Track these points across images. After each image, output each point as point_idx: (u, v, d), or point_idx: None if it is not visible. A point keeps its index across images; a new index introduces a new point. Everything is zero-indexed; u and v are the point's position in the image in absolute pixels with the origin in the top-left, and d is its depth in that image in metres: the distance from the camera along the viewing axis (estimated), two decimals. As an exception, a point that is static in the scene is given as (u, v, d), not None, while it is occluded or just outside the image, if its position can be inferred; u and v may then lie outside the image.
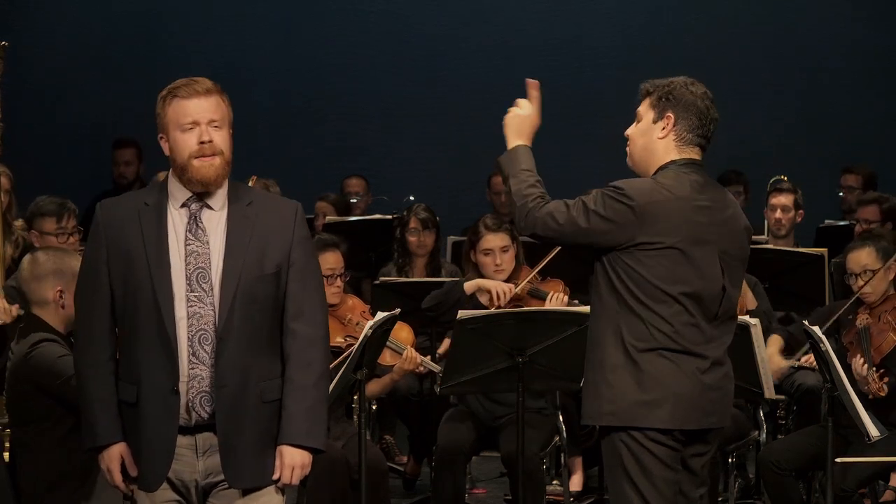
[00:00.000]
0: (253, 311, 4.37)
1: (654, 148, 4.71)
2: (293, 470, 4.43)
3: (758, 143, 11.10)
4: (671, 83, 4.72)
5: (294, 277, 4.43)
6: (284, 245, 4.43)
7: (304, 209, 4.57)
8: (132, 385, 4.38)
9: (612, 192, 4.61)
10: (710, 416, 4.66)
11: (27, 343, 5.57)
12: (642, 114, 4.74)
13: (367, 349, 5.91)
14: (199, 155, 4.38)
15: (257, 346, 4.39)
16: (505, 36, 11.58)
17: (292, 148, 11.63)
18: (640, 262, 4.58)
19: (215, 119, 4.43)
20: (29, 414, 5.58)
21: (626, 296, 4.59)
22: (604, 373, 4.61)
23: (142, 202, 4.45)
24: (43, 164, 11.16)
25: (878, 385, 6.44)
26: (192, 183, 4.39)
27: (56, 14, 11.68)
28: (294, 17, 11.76)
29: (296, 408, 4.39)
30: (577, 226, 4.63)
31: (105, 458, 4.44)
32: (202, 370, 4.35)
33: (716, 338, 4.68)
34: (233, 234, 4.39)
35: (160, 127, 4.46)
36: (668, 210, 4.58)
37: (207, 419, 4.37)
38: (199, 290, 4.35)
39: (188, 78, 4.48)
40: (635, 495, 4.59)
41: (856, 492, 6.57)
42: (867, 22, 11.41)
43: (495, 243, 7.09)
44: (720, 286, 4.66)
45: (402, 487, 8.14)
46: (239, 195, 4.47)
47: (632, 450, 4.59)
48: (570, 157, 11.12)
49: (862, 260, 6.87)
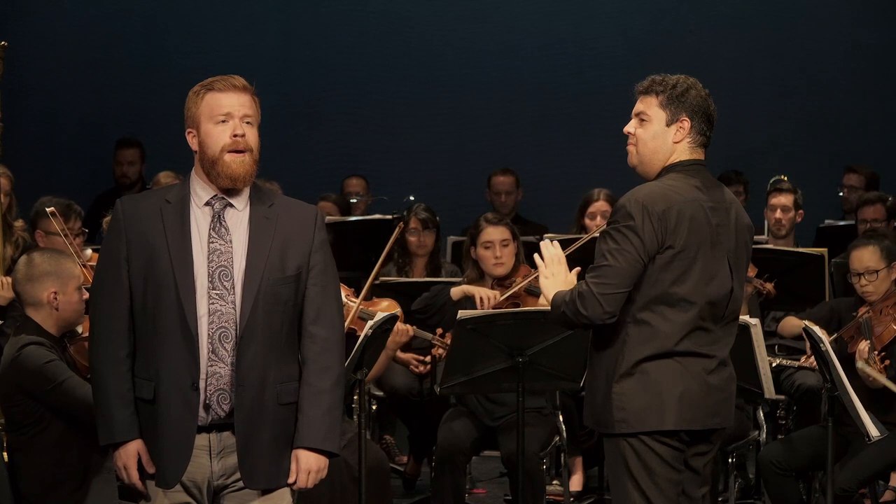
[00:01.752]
0: (274, 312, 4.38)
1: (666, 150, 4.68)
2: (309, 474, 4.46)
3: (758, 143, 11.10)
4: (677, 83, 4.68)
5: (314, 281, 4.44)
6: (305, 248, 4.44)
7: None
8: (149, 382, 4.37)
9: (623, 227, 4.55)
10: (714, 416, 4.67)
11: (16, 345, 5.56)
12: (650, 114, 4.69)
13: (366, 349, 5.91)
14: (232, 149, 4.37)
15: (276, 347, 4.39)
16: (505, 36, 11.58)
17: (292, 148, 11.63)
18: (656, 268, 4.56)
19: (249, 115, 4.42)
20: (19, 417, 5.57)
21: (638, 302, 4.57)
22: (612, 382, 4.59)
23: (163, 199, 4.44)
24: (43, 164, 11.16)
25: (880, 367, 6.44)
26: (221, 178, 4.39)
27: (56, 14, 11.68)
28: (294, 17, 11.76)
29: (313, 412, 4.41)
30: (625, 275, 4.54)
31: (122, 454, 4.42)
32: (221, 368, 4.35)
33: (721, 338, 4.68)
34: (255, 235, 4.40)
35: (189, 121, 4.44)
36: (681, 214, 4.56)
37: (224, 418, 4.37)
38: (221, 288, 4.35)
39: (223, 75, 4.48)
40: (639, 496, 4.59)
41: (856, 492, 6.57)
42: (867, 22, 11.40)
43: (495, 236, 7.11)
44: (729, 287, 4.66)
45: (402, 487, 8.14)
46: (261, 196, 4.47)
47: (637, 451, 4.59)
48: (570, 157, 11.13)
49: (865, 260, 6.88)
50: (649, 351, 4.56)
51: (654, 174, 4.71)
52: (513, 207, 10.12)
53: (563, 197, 10.37)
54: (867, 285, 6.88)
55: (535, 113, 11.38)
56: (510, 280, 7.13)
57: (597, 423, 4.68)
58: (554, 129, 11.34)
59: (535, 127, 11.36)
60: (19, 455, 5.60)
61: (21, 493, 5.60)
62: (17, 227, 7.36)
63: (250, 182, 4.44)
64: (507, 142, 11.28)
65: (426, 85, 11.63)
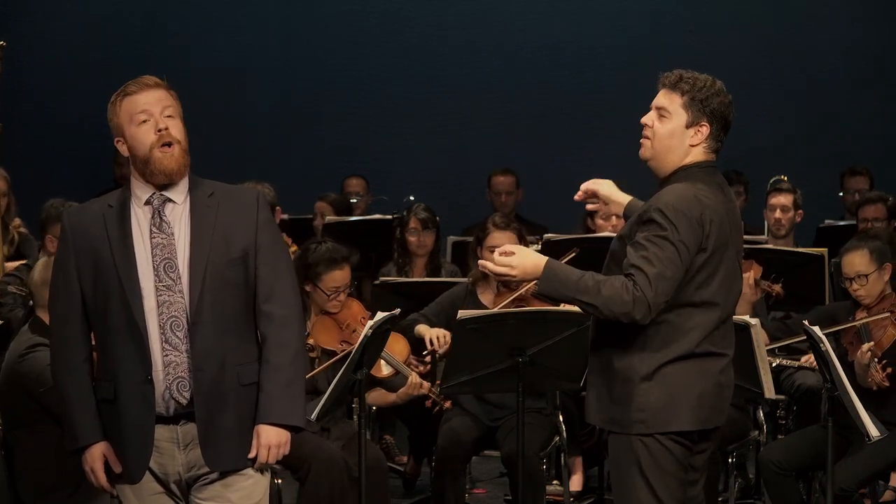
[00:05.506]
0: (224, 295, 4.43)
1: (681, 150, 4.68)
2: (269, 449, 4.47)
3: (758, 143, 11.10)
4: (705, 86, 4.67)
5: (263, 260, 4.49)
6: (249, 229, 4.49)
7: (303, 209, 4.60)
8: (109, 382, 4.44)
9: (666, 235, 4.51)
10: (722, 413, 4.71)
11: (23, 344, 5.57)
12: (671, 111, 4.67)
13: (367, 349, 5.91)
14: (159, 143, 4.43)
15: (231, 330, 4.44)
16: (505, 36, 11.58)
17: (292, 148, 11.63)
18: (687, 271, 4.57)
19: (168, 107, 4.48)
20: (18, 416, 5.58)
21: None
22: (633, 382, 4.58)
23: (106, 205, 4.52)
24: (43, 164, 11.18)
25: (882, 376, 6.43)
26: (155, 175, 4.45)
27: (56, 14, 11.68)
28: (294, 17, 11.76)
29: (271, 387, 4.45)
30: (674, 284, 4.52)
31: (87, 458, 4.49)
32: (177, 356, 4.40)
33: (729, 335, 4.72)
34: (196, 223, 4.46)
35: (115, 130, 4.52)
36: (712, 218, 4.57)
37: (186, 406, 4.42)
38: (168, 280, 4.41)
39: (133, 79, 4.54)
40: (649, 494, 4.60)
41: (856, 492, 6.57)
42: (867, 22, 11.41)
43: (502, 241, 7.07)
44: (741, 285, 4.74)
45: (402, 487, 8.14)
46: (200, 187, 4.53)
47: (651, 450, 4.59)
48: (569, 157, 11.12)
49: (855, 264, 6.86)
50: (673, 354, 4.56)
51: (666, 172, 4.70)
52: (513, 207, 10.12)
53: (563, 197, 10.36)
54: (859, 290, 6.86)
55: (535, 113, 11.38)
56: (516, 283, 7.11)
57: (609, 422, 4.66)
58: (554, 129, 11.34)
59: (535, 127, 11.36)
60: (16, 458, 5.60)
61: (18, 495, 5.60)
62: (14, 226, 7.37)
63: (185, 173, 4.49)
64: (507, 142, 11.28)
65: (426, 85, 11.63)
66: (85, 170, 11.40)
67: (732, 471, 7.29)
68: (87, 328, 4.50)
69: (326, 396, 5.89)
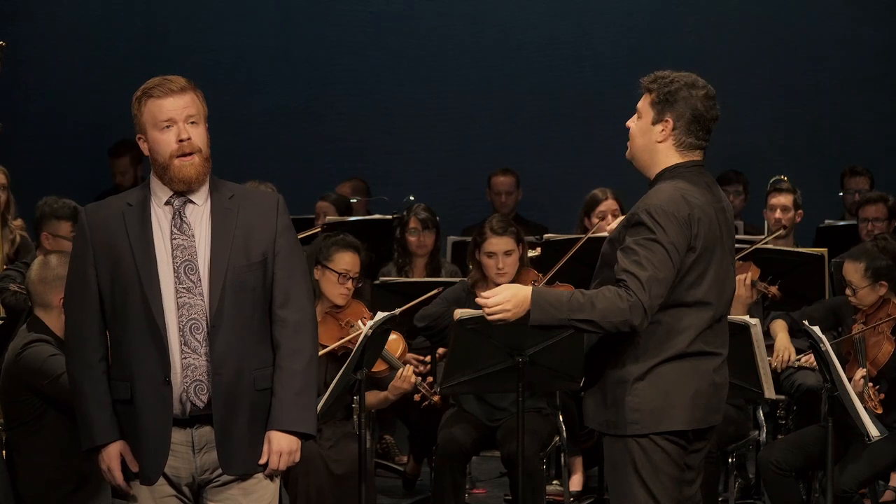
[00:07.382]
0: (242, 299, 4.43)
1: (654, 149, 4.70)
2: (280, 455, 4.48)
3: (758, 143, 11.10)
4: (672, 82, 4.68)
5: (280, 266, 4.49)
6: (268, 234, 4.48)
7: (303, 209, 4.60)
8: (125, 382, 4.42)
9: (655, 238, 4.51)
10: (717, 413, 4.71)
11: (22, 341, 5.58)
12: (642, 111, 4.72)
13: (366, 349, 5.91)
14: (179, 154, 4.41)
15: (249, 334, 4.44)
16: (505, 36, 11.58)
17: (292, 148, 11.63)
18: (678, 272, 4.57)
19: (192, 115, 4.45)
20: (20, 415, 5.57)
21: None
22: (626, 385, 4.58)
23: (125, 203, 4.50)
24: (43, 164, 11.16)
25: (874, 402, 6.42)
26: (174, 182, 4.44)
27: (56, 14, 11.68)
28: (294, 17, 11.76)
29: (284, 394, 4.46)
30: (670, 272, 4.51)
31: (104, 457, 4.47)
32: (195, 359, 4.39)
33: (722, 335, 4.71)
34: (217, 226, 4.45)
35: (138, 127, 4.49)
36: (700, 218, 4.58)
37: (202, 409, 4.41)
38: (188, 282, 4.40)
39: (161, 77, 4.51)
40: (645, 494, 4.60)
41: (856, 492, 6.57)
42: (867, 22, 11.40)
43: (499, 247, 7.07)
44: (734, 285, 4.73)
45: (402, 487, 8.14)
46: (220, 189, 4.52)
47: (646, 450, 4.60)
48: (570, 157, 11.13)
49: (849, 274, 6.88)
50: (665, 354, 4.57)
51: (649, 171, 4.72)
52: (513, 207, 10.12)
53: (563, 197, 10.37)
54: (851, 296, 6.90)
55: (535, 113, 11.38)
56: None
57: (605, 425, 4.66)
58: (554, 129, 11.34)
59: (535, 127, 11.36)
60: (18, 455, 5.60)
61: (20, 494, 5.60)
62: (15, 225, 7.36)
63: (205, 180, 4.48)
64: (507, 142, 11.28)
65: (426, 85, 11.63)
66: (85, 170, 11.39)
67: (732, 471, 7.29)
68: (104, 326, 4.48)
69: (326, 396, 5.90)
